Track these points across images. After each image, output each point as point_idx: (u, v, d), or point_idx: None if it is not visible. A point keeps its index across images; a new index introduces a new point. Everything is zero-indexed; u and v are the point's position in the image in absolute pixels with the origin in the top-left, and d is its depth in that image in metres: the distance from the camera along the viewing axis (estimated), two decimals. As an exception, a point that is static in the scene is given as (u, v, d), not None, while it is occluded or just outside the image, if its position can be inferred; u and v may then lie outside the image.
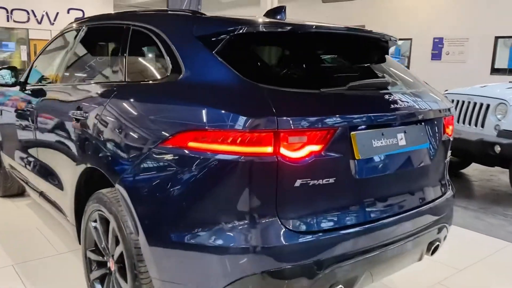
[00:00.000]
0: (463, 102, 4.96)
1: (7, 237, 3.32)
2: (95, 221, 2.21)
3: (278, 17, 2.09)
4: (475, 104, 4.84)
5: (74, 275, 2.74)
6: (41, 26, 19.78)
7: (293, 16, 2.15)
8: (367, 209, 1.83)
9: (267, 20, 1.96)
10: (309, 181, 1.63)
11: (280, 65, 2.11)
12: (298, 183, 1.62)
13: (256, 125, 1.56)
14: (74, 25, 3.00)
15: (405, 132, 1.95)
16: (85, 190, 2.37)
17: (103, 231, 2.16)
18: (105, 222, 2.13)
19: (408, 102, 1.97)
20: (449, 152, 2.29)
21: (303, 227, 1.67)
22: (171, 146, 1.71)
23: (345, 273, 1.75)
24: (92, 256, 2.30)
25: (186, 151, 1.67)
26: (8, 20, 18.82)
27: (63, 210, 2.64)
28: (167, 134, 1.72)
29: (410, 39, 14.81)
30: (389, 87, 2.00)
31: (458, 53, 13.35)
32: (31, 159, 3.14)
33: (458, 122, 4.92)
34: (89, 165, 2.19)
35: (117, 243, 2.04)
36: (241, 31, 1.80)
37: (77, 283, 2.62)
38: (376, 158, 1.83)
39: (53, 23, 19.92)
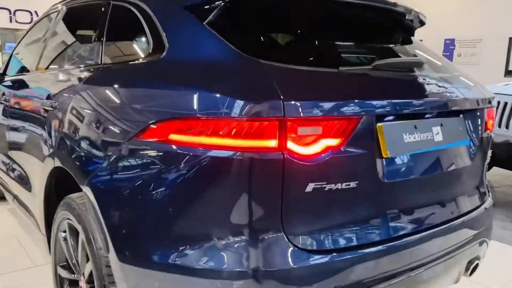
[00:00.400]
0: (485, 101, 4.56)
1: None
2: (65, 231, 1.85)
3: None
4: (498, 103, 4.45)
5: None
6: (45, 28, 19.59)
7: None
8: (396, 222, 1.45)
9: None
10: (324, 185, 1.26)
11: (288, 38, 1.73)
12: (310, 187, 1.24)
13: (256, 112, 1.19)
14: (55, 7, 2.65)
15: (441, 125, 1.57)
16: (56, 194, 2.01)
17: (73, 244, 1.80)
18: (75, 233, 1.77)
19: (445, 89, 1.59)
20: (489, 152, 1.91)
21: (316, 245, 1.29)
22: (148, 140, 1.34)
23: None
24: (63, 273, 1.94)
25: (167, 146, 1.30)
26: (11, 21, 18.64)
27: (35, 217, 2.28)
28: (143, 125, 1.36)
29: (421, 40, 14.41)
30: (422, 70, 1.62)
31: (470, 55, 12.92)
32: (5, 159, 2.78)
33: (479, 123, 4.53)
34: (56, 165, 1.83)
35: (88, 259, 1.68)
36: None
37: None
38: (408, 157, 1.45)
39: (56, 25, 19.73)
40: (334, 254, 1.30)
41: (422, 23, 1.96)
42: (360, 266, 1.34)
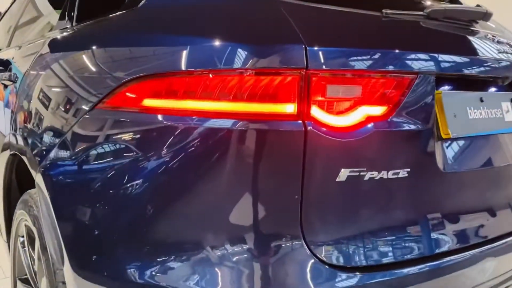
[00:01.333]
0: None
1: None
2: (23, 236, 1.47)
3: None
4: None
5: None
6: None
7: None
8: (457, 231, 1.05)
9: None
10: (363, 173, 0.87)
11: None
12: (343, 174, 0.85)
13: (266, 63, 0.81)
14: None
15: (511, 100, 1.18)
16: (19, 190, 1.64)
17: (31, 252, 1.42)
18: (32, 239, 1.39)
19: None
20: None
21: (348, 260, 0.90)
22: (115, 108, 0.97)
23: None
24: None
25: (141, 115, 0.92)
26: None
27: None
28: (108, 90, 0.97)
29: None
30: (489, 26, 1.24)
31: None
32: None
33: None
34: (12, 151, 1.45)
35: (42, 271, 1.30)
36: None
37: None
38: (473, 140, 1.06)
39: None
40: (375, 272, 0.91)
41: None
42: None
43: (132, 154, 0.95)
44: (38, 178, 1.15)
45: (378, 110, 0.87)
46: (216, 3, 0.97)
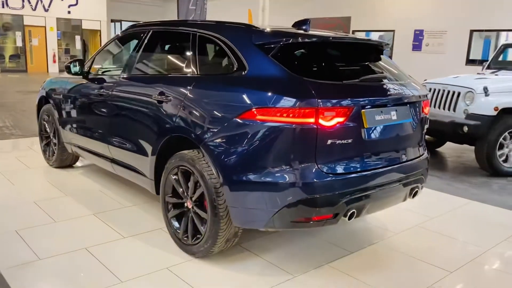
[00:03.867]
0: (439, 90, 5.93)
1: (78, 195, 4.18)
2: (175, 174, 3.09)
3: (304, 27, 3.00)
4: (448, 92, 5.82)
5: (145, 221, 3.64)
6: (36, 13, 20.14)
7: (285, 4, 3.01)
8: (370, 160, 2.76)
9: (303, 32, 2.84)
10: (336, 141, 2.55)
11: (314, 64, 2.97)
12: (329, 142, 2.53)
13: (304, 104, 2.46)
14: (136, 28, 3.84)
15: (396, 110, 2.87)
16: (161, 155, 3.24)
17: (183, 180, 3.04)
18: (185, 174, 3.01)
19: (398, 90, 2.90)
20: (426, 126, 3.23)
21: (331, 170, 2.59)
22: (244, 118, 2.60)
23: (357, 202, 2.68)
24: (170, 200, 3.18)
25: (255, 122, 2.56)
26: (3, 7, 19.19)
27: (140, 171, 3.50)
28: (241, 110, 2.61)
29: (393, 30, 15.82)
30: (385, 79, 2.92)
31: (437, 45, 14.42)
32: (102, 134, 3.97)
33: (434, 107, 5.90)
34: (174, 135, 3.06)
35: (195, 187, 2.93)
36: (287, 41, 2.70)
37: (149, 226, 3.52)
38: (378, 127, 2.75)
39: (47, 10, 20.32)
40: (340, 175, 2.60)
41: (387, 47, 3.24)
42: (352, 182, 2.63)
43: (249, 135, 2.58)
44: (203, 147, 2.78)
45: (341, 119, 2.54)
46: (281, 79, 2.60)
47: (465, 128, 5.41)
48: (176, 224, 3.16)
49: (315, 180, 2.54)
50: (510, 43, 7.05)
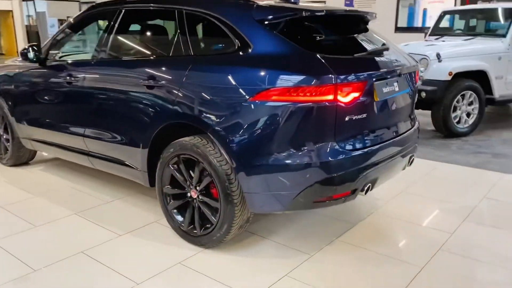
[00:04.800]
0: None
1: (49, 195, 3.83)
2: (175, 163, 2.90)
3: (293, 0, 2.90)
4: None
5: (134, 215, 3.42)
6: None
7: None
8: (381, 133, 2.77)
9: (307, 6, 2.71)
10: (353, 117, 2.52)
11: (321, 38, 2.87)
12: (347, 118, 2.49)
13: (322, 81, 2.39)
14: (105, 7, 3.50)
15: (397, 81, 2.89)
16: (153, 144, 3.03)
17: (185, 170, 2.87)
18: (188, 162, 2.84)
19: (398, 61, 2.92)
20: (416, 95, 3.30)
21: (349, 147, 2.56)
22: (258, 100, 2.47)
23: (371, 176, 2.69)
24: (169, 191, 3.00)
25: (270, 103, 2.45)
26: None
27: (129, 163, 3.26)
28: (254, 92, 2.48)
29: (324, 1, 16.02)
30: (385, 51, 2.91)
31: (367, 13, 14.80)
32: (75, 126, 3.63)
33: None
34: (171, 122, 2.85)
35: (201, 176, 2.78)
36: (292, 16, 2.59)
37: (141, 220, 3.32)
38: (385, 100, 2.76)
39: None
40: (358, 151, 2.58)
41: (374, 18, 3.22)
42: (369, 157, 2.63)
43: (264, 117, 2.46)
44: (211, 132, 2.61)
45: (356, 94, 2.50)
46: (293, 56, 2.49)
47: (423, 94, 5.64)
48: (179, 217, 2.99)
49: (335, 158, 2.49)
50: (450, 9, 7.40)
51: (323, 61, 2.45)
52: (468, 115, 5.99)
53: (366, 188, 2.68)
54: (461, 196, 3.84)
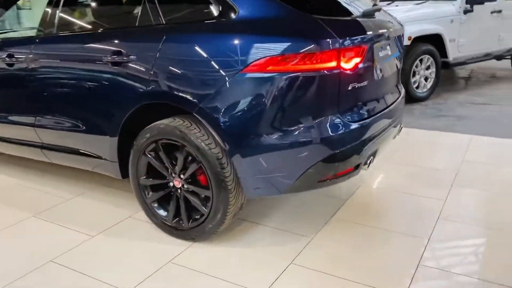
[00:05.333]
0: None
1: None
2: (153, 150, 2.54)
3: None
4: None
5: (103, 212, 3.03)
6: None
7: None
8: (380, 103, 2.57)
9: None
10: (355, 85, 2.29)
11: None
12: (350, 87, 2.26)
13: (324, 46, 2.12)
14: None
15: (389, 45, 2.69)
16: (124, 130, 2.64)
17: (166, 157, 2.52)
18: (168, 148, 2.49)
19: (388, 23, 2.71)
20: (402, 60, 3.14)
21: (353, 119, 2.33)
22: (251, 72, 2.17)
23: (373, 148, 2.50)
24: (147, 182, 2.65)
25: (266, 74, 2.15)
26: None
27: (94, 153, 2.84)
28: (246, 63, 2.16)
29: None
30: (376, 12, 2.68)
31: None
32: (21, 115, 3.13)
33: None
34: (146, 103, 2.47)
35: (185, 163, 2.45)
36: None
37: (112, 217, 2.94)
38: (382, 64, 2.55)
39: None
40: (361, 121, 2.36)
41: None
42: (371, 127, 2.42)
43: (260, 91, 2.16)
44: (198, 112, 2.28)
45: (358, 60, 2.26)
46: (293, 18, 2.19)
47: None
48: (162, 212, 2.65)
49: (340, 132, 2.26)
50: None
51: (322, 23, 2.18)
52: (426, 79, 6.01)
53: (369, 161, 2.49)
54: (441, 161, 3.78)
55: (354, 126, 2.32)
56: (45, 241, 2.67)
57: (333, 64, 2.16)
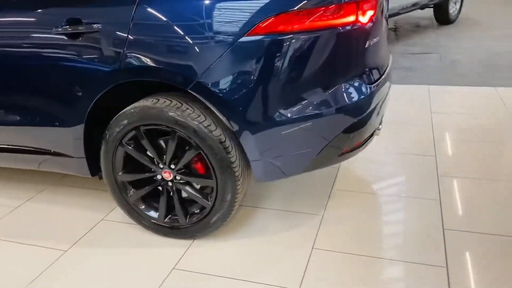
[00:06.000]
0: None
1: None
2: (131, 139, 2.09)
3: None
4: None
5: (66, 217, 2.53)
6: None
7: None
8: (385, 60, 2.33)
9: None
10: (371, 41, 2.00)
11: None
12: (367, 44, 1.97)
13: (341, -1, 1.80)
14: None
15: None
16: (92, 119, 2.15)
17: (150, 146, 2.08)
18: (153, 135, 2.06)
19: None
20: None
21: (370, 80, 2.06)
22: (258, 34, 1.79)
23: (383, 110, 2.27)
24: (126, 178, 2.20)
25: (276, 36, 1.79)
26: None
27: (53, 150, 2.29)
28: (251, 24, 1.78)
29: None
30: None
31: None
32: None
33: None
34: (120, 82, 1.98)
35: (177, 150, 2.05)
36: None
37: (81, 223, 2.47)
38: (384, 18, 2.28)
39: None
40: (376, 83, 2.09)
41: None
42: (382, 89, 2.16)
43: (272, 57, 1.79)
44: (194, 89, 1.86)
45: (372, 12, 1.97)
46: None
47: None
48: (152, 213, 2.23)
49: (361, 96, 1.98)
50: None
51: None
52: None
53: (380, 126, 2.27)
54: (419, 116, 3.68)
55: (372, 89, 2.06)
56: (8, 264, 2.14)
57: (352, 18, 1.85)
